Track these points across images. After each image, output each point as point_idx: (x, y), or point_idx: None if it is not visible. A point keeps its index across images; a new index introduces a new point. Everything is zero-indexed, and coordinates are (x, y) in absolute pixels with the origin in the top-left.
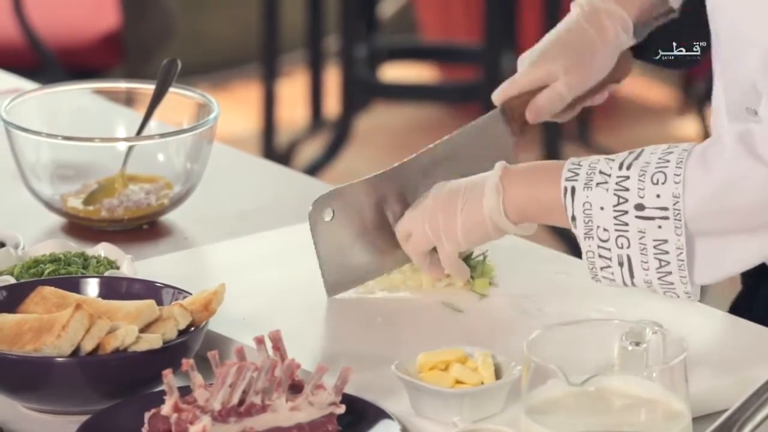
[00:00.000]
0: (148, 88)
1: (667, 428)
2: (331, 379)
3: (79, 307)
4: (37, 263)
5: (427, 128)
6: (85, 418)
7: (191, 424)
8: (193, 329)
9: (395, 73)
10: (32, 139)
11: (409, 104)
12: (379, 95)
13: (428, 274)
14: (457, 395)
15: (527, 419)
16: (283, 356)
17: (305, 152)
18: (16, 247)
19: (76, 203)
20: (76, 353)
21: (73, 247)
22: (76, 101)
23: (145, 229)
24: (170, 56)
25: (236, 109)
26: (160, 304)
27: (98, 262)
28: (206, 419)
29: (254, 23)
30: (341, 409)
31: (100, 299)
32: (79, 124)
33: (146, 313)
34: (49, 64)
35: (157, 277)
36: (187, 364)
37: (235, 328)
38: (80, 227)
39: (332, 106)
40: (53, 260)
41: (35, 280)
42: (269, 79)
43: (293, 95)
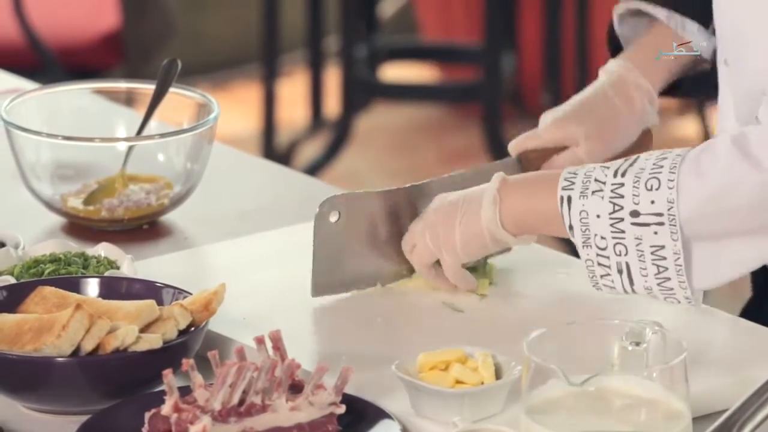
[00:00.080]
0: (148, 88)
1: (667, 428)
2: (331, 379)
3: (79, 307)
4: (37, 263)
5: (427, 128)
6: (85, 418)
7: (191, 424)
8: (193, 329)
9: (395, 73)
10: (32, 139)
11: (409, 104)
12: (379, 95)
13: (435, 284)
14: (457, 395)
15: (527, 419)
16: (283, 356)
17: (305, 152)
18: (16, 247)
19: (76, 203)
20: (76, 353)
21: (73, 247)
22: (76, 101)
23: (145, 229)
24: (170, 56)
25: (236, 109)
26: (160, 304)
27: (98, 262)
28: (206, 419)
29: (254, 23)
30: (341, 409)
31: (100, 299)
32: (79, 124)
33: (146, 313)
34: (49, 64)
35: (157, 277)
36: (187, 364)
37: (235, 328)
38: (80, 227)
39: (332, 106)
40: (53, 260)
41: (35, 280)
42: (269, 79)
43: (293, 95)
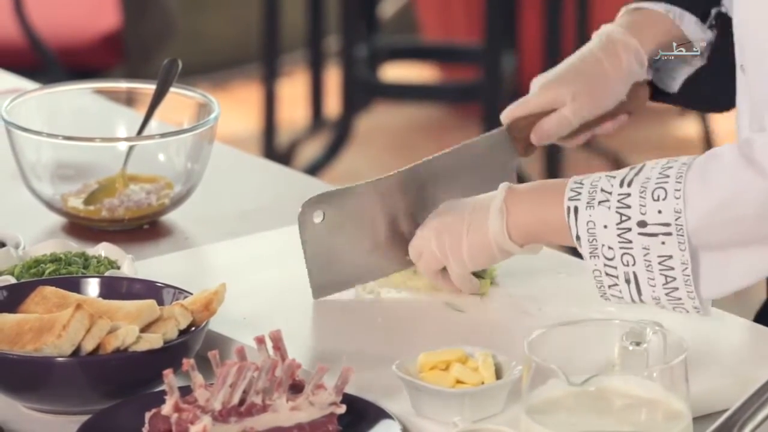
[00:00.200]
0: (148, 88)
1: (667, 428)
2: (331, 379)
3: (79, 307)
4: (37, 263)
5: (427, 128)
6: (85, 418)
7: (192, 423)
8: (193, 329)
9: (395, 73)
10: (33, 139)
11: (409, 104)
12: (379, 95)
13: (444, 289)
14: (457, 395)
15: (528, 419)
16: (283, 356)
17: (305, 152)
18: (16, 247)
19: (76, 203)
20: (76, 353)
21: (73, 247)
22: (76, 101)
23: (145, 229)
24: (171, 56)
25: (237, 109)
26: (160, 303)
27: (99, 262)
28: (207, 419)
29: (255, 23)
30: (342, 409)
31: (100, 299)
32: (79, 124)
33: (147, 313)
34: (49, 64)
35: (157, 276)
36: (187, 363)
37: (235, 327)
38: (81, 227)
39: (333, 106)
40: (54, 260)
41: (36, 280)
42: (270, 79)
43: (294, 95)
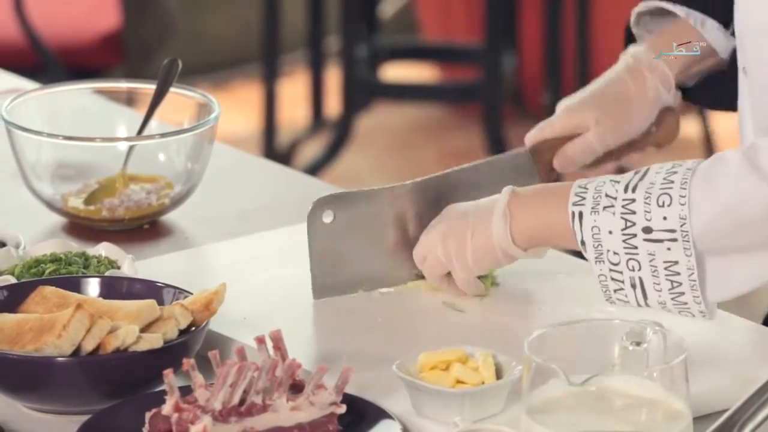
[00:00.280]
0: (148, 88)
1: (667, 428)
2: (331, 378)
3: (79, 306)
4: (37, 263)
5: (427, 128)
6: (85, 417)
7: (192, 423)
8: (193, 329)
9: (396, 73)
10: (33, 139)
11: (409, 104)
12: (379, 95)
13: (449, 292)
14: (457, 395)
15: (528, 419)
16: (283, 356)
17: (306, 152)
18: (17, 246)
19: (76, 203)
20: (76, 353)
21: (73, 246)
22: (76, 101)
23: (145, 228)
24: (171, 56)
25: (237, 109)
26: (160, 303)
27: (99, 261)
28: (207, 419)
29: (255, 23)
30: (342, 408)
31: (100, 299)
32: (79, 123)
33: (147, 312)
34: (49, 64)
35: (157, 276)
36: (187, 363)
37: (235, 327)
38: (81, 227)
39: (333, 106)
40: (54, 260)
41: (36, 279)
42: (270, 79)
43: (294, 95)
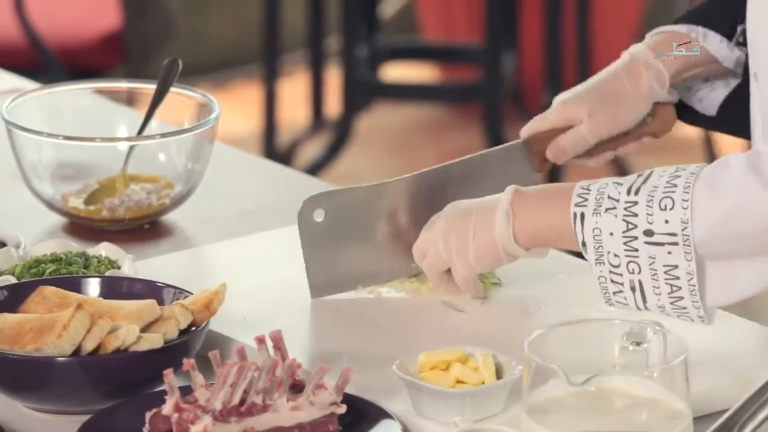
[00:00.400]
0: (149, 87)
1: (667, 428)
2: (332, 378)
3: (80, 306)
4: (38, 263)
5: (427, 128)
6: (86, 417)
7: (192, 423)
8: (194, 329)
9: (396, 73)
10: (33, 139)
11: (409, 104)
12: (379, 95)
13: (447, 291)
14: (458, 395)
15: (528, 419)
16: (284, 356)
17: (306, 152)
18: (17, 246)
19: (77, 203)
20: (77, 353)
21: (74, 246)
22: (77, 101)
23: (146, 228)
24: (171, 56)
25: (237, 109)
26: (161, 303)
27: (99, 261)
28: (207, 419)
29: (255, 23)
30: (342, 408)
31: (101, 299)
32: (80, 123)
33: (147, 312)
34: (50, 64)
35: (158, 276)
36: (188, 363)
37: (236, 327)
38: (81, 227)
39: (333, 106)
40: (54, 260)
41: (36, 279)
42: (270, 79)
43: (294, 95)
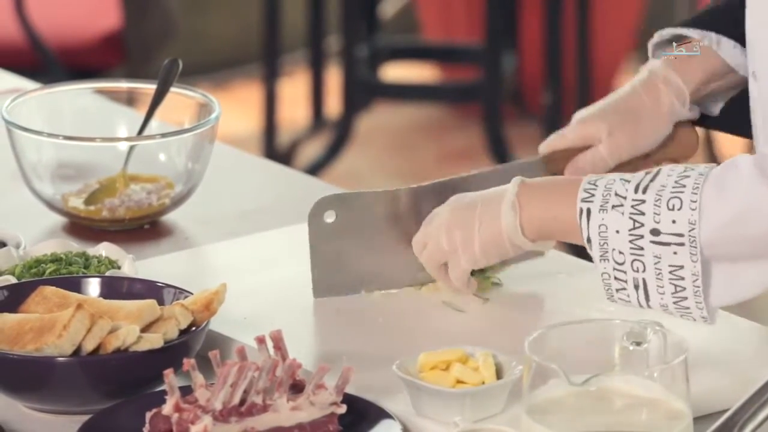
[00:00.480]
0: (149, 87)
1: (668, 428)
2: (332, 378)
3: (80, 306)
4: (38, 263)
5: (427, 128)
6: (86, 417)
7: (192, 423)
8: (194, 329)
9: (396, 73)
10: (33, 138)
11: (410, 104)
12: (380, 95)
13: (444, 285)
14: (458, 395)
15: (528, 419)
16: (284, 356)
17: (306, 152)
18: (17, 246)
19: (77, 203)
20: (77, 353)
21: (74, 246)
22: (77, 101)
23: (146, 228)
24: (171, 56)
25: (237, 109)
26: (161, 303)
27: (99, 261)
28: (207, 419)
29: (255, 23)
30: (342, 408)
31: (101, 299)
32: (80, 123)
33: (147, 312)
34: (50, 63)
35: (158, 276)
36: (188, 363)
37: (236, 327)
38: (81, 227)
39: (333, 106)
40: (54, 260)
41: (36, 279)
42: (270, 79)
43: (294, 95)
